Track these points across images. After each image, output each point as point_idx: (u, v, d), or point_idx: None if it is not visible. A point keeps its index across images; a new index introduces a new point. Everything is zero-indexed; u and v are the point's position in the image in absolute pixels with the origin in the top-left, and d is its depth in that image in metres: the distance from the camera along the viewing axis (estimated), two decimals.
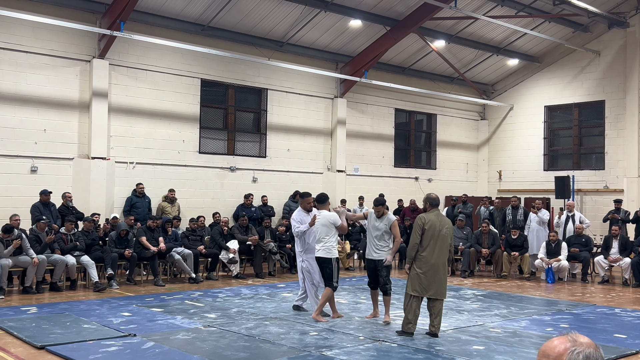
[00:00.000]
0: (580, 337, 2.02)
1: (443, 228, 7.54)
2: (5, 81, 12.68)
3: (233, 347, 6.92)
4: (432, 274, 7.49)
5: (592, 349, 1.96)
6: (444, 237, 7.55)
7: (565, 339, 2.00)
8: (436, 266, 7.50)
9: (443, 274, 7.59)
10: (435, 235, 7.50)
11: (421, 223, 7.55)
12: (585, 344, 1.98)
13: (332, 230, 8.53)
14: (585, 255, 13.43)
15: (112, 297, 10.31)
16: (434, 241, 7.50)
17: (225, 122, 16.18)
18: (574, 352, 1.95)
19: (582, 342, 1.98)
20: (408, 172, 19.93)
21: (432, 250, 7.50)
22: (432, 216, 7.63)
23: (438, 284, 7.51)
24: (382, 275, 8.41)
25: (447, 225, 7.60)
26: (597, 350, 1.97)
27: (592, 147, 19.75)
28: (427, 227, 7.52)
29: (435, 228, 7.51)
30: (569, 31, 19.10)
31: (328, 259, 8.44)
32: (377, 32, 16.94)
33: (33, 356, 6.45)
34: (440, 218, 7.65)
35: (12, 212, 11.29)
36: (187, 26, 14.90)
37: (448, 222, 7.71)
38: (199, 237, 13.14)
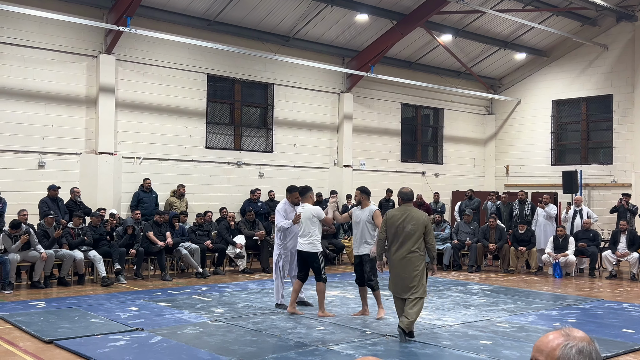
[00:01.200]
0: (574, 331, 2.01)
1: (408, 224, 7.09)
2: (13, 77, 12.72)
3: (240, 341, 6.94)
4: (399, 273, 7.15)
5: (586, 342, 1.96)
6: (409, 233, 7.08)
7: (559, 333, 2.00)
8: (400, 264, 7.12)
9: (410, 271, 7.08)
10: (398, 232, 7.12)
11: (385, 219, 7.34)
12: (578, 338, 1.98)
13: (316, 224, 8.43)
14: (593, 250, 13.38)
15: (119, 291, 10.35)
16: (397, 238, 7.16)
17: (231, 117, 16.19)
18: (567, 347, 1.95)
19: (576, 336, 1.98)
20: (415, 167, 19.89)
21: (396, 247, 7.17)
22: (396, 211, 7.27)
23: (406, 282, 7.08)
24: (365, 270, 8.24)
25: (414, 222, 7.10)
26: (590, 344, 1.97)
27: (599, 142, 19.65)
28: (389, 223, 7.22)
29: (396, 224, 7.14)
30: (576, 25, 18.98)
31: (313, 254, 8.33)
32: (383, 26, 16.89)
33: (41, 350, 6.48)
34: (407, 214, 7.17)
35: (20, 207, 11.34)
36: (194, 21, 14.90)
37: (419, 217, 7.16)
38: (206, 232, 13.17)
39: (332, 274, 12.98)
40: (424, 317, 8.42)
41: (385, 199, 17.12)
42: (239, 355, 6.31)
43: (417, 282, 7.09)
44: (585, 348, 1.95)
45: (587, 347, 1.95)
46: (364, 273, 8.29)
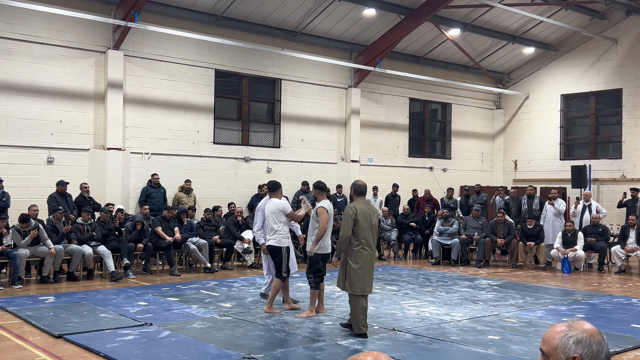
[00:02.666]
0: (580, 323, 2.01)
1: (373, 217, 7.06)
2: (22, 73, 12.77)
3: (248, 336, 6.96)
4: (370, 269, 7.05)
5: (587, 334, 1.96)
6: (375, 227, 7.09)
7: (564, 324, 2.02)
8: (372, 260, 7.07)
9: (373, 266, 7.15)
10: (369, 227, 6.99)
11: (352, 213, 6.94)
12: (580, 329, 1.98)
13: (282, 218, 8.30)
14: (602, 245, 13.32)
15: (128, 286, 10.40)
16: (368, 233, 6.98)
17: (239, 112, 16.20)
18: (566, 336, 1.97)
19: (578, 328, 1.99)
20: (422, 162, 19.85)
21: (369, 244, 6.99)
22: (362, 205, 7.07)
23: (371, 278, 7.09)
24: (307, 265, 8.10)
25: (376, 214, 7.13)
26: (593, 336, 1.96)
27: (608, 136, 19.54)
28: (359, 217, 6.94)
29: (367, 218, 6.99)
30: (585, 19, 18.86)
31: (278, 248, 8.21)
32: (391, 20, 16.84)
33: (51, 345, 6.52)
34: (369, 207, 7.13)
35: (29, 202, 11.41)
36: (201, 16, 14.90)
37: (377, 210, 7.28)
38: (214, 227, 13.21)
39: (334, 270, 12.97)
40: (432, 312, 8.43)
41: (391, 194, 17.10)
42: (247, 350, 6.33)
43: None
44: (585, 339, 1.95)
45: (586, 338, 1.95)
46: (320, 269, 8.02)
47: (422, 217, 15.72)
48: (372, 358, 1.91)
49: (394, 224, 15.60)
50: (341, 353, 6.28)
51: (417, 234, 15.41)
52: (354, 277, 7.00)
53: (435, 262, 14.23)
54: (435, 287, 10.66)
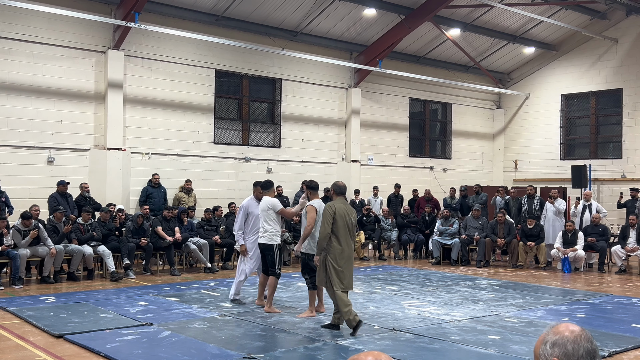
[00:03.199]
0: (561, 326, 2.03)
1: (350, 216, 7.28)
2: (22, 73, 12.78)
3: (249, 336, 6.96)
4: (349, 266, 7.22)
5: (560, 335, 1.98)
6: (353, 226, 7.30)
7: (545, 331, 2.05)
8: (350, 257, 7.26)
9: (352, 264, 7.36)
10: (346, 226, 7.20)
11: (331, 212, 7.14)
12: (557, 332, 2.00)
13: (272, 216, 8.32)
14: (602, 245, 13.32)
15: (128, 286, 10.40)
16: (345, 231, 7.19)
17: (239, 112, 16.20)
18: (543, 343, 2.01)
19: (555, 331, 2.01)
20: (423, 162, 19.85)
21: (347, 242, 7.20)
22: (340, 204, 7.29)
23: (351, 276, 7.27)
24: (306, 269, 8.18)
25: (353, 214, 7.35)
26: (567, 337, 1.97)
27: (609, 136, 19.54)
28: (337, 216, 7.15)
29: (345, 217, 7.20)
30: (586, 19, 18.86)
31: (269, 246, 8.27)
32: (391, 20, 16.84)
33: (51, 345, 6.52)
34: (347, 206, 7.35)
35: (30, 202, 11.42)
36: (201, 16, 14.91)
37: (353, 210, 7.47)
38: (214, 227, 13.21)
39: None
40: (432, 312, 8.43)
41: (394, 194, 17.10)
42: (247, 349, 6.33)
43: None
44: (559, 340, 1.97)
45: (560, 339, 1.97)
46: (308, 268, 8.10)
47: (422, 217, 15.72)
48: (372, 358, 1.91)
49: (394, 224, 15.60)
50: (341, 353, 6.28)
51: (417, 234, 15.38)
52: (334, 275, 7.14)
53: (435, 262, 14.23)
54: (435, 287, 10.67)
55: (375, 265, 13.85)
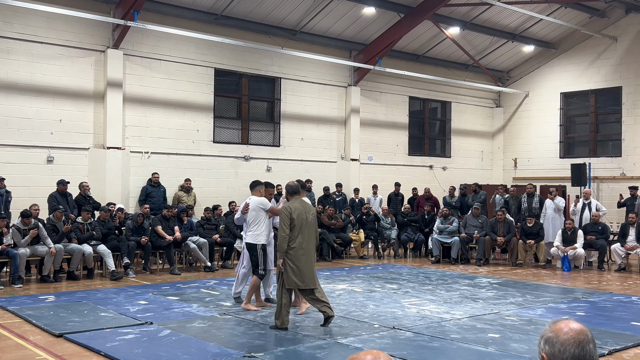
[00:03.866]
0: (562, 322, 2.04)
1: (309, 215, 7.34)
2: (21, 72, 12.77)
3: (249, 334, 6.96)
4: (306, 265, 7.27)
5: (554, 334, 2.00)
6: (311, 225, 7.36)
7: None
8: (308, 256, 7.30)
9: (314, 262, 7.43)
10: (305, 225, 7.28)
11: (288, 213, 7.24)
12: (554, 329, 2.02)
13: (261, 215, 8.33)
14: (602, 243, 13.32)
15: (128, 285, 10.40)
16: (304, 231, 7.27)
17: (239, 111, 16.20)
18: (541, 337, 2.05)
19: (554, 328, 2.03)
20: (422, 161, 19.85)
21: (306, 240, 7.28)
22: (297, 204, 7.36)
23: (311, 273, 7.32)
24: None
25: (312, 212, 7.42)
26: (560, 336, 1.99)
27: (608, 134, 19.55)
28: (294, 216, 7.23)
29: (302, 216, 7.28)
30: (585, 17, 18.86)
31: (253, 245, 8.28)
32: (390, 19, 16.83)
33: (51, 344, 6.52)
34: (304, 205, 7.41)
35: (30, 202, 11.42)
36: (200, 15, 14.90)
37: (312, 208, 7.53)
38: (214, 226, 13.21)
39: (339, 268, 13.00)
40: (432, 310, 8.43)
41: (394, 192, 17.10)
42: (247, 348, 6.34)
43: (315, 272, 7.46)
44: (551, 339, 2.00)
45: (553, 338, 2.00)
46: None
47: (421, 215, 15.72)
48: (371, 357, 1.91)
49: (394, 223, 15.60)
50: (341, 351, 6.29)
51: (417, 233, 15.36)
52: (289, 272, 7.23)
53: (435, 261, 14.23)
54: (435, 286, 10.67)
55: (374, 264, 13.85)
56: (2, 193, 11.47)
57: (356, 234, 15.03)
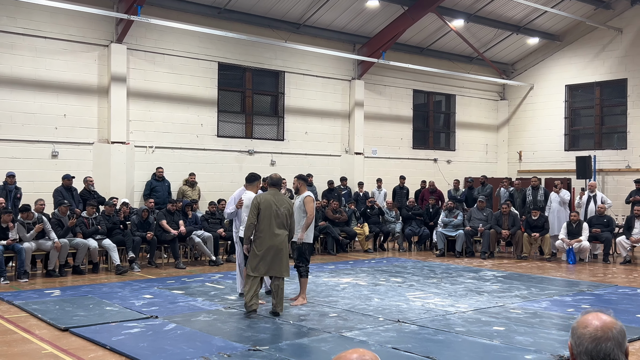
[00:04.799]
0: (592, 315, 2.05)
1: (281, 207, 7.52)
2: (25, 67, 12.78)
3: (253, 328, 6.97)
4: (272, 254, 7.48)
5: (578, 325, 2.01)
6: (282, 216, 7.52)
7: None
8: (275, 245, 7.48)
9: (284, 252, 7.56)
10: (272, 215, 7.48)
11: (256, 203, 7.55)
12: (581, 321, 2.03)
13: None
14: (607, 236, 13.29)
15: (133, 279, 10.43)
16: (270, 221, 7.47)
17: (243, 105, 16.19)
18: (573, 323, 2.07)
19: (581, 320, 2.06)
20: (427, 154, 19.82)
21: (271, 230, 7.47)
22: (268, 195, 7.61)
23: (279, 263, 7.52)
24: (293, 256, 8.40)
25: (284, 204, 7.56)
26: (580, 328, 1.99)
27: (613, 127, 19.47)
28: (262, 206, 7.50)
29: (271, 207, 7.49)
30: (590, 8, 18.76)
31: (242, 239, 8.38)
32: (394, 12, 16.77)
33: (57, 338, 6.55)
34: (277, 197, 7.59)
35: (35, 197, 11.44)
36: (204, 9, 14.87)
37: (287, 201, 7.65)
38: (218, 220, 13.22)
39: (344, 261, 13.01)
40: (436, 303, 8.43)
41: (399, 186, 17.07)
42: (252, 341, 6.35)
43: (286, 262, 7.64)
44: (575, 330, 2.05)
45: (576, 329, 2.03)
46: None
47: (426, 209, 15.69)
48: (357, 355, 1.89)
49: (398, 216, 15.59)
50: (346, 345, 6.29)
51: (422, 227, 15.32)
52: (253, 260, 7.52)
53: (439, 254, 14.22)
54: (440, 279, 10.67)
55: (380, 257, 13.85)
56: (12, 189, 11.51)
57: (360, 228, 15.03)
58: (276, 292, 7.61)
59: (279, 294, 7.60)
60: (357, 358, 1.89)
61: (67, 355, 5.93)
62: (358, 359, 1.89)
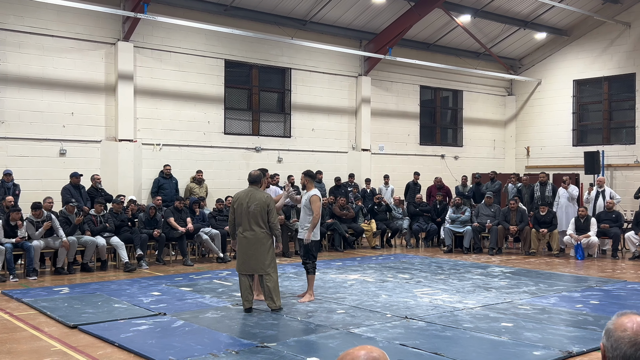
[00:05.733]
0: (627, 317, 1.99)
1: (252, 205, 7.55)
2: (32, 65, 12.83)
3: (261, 325, 6.98)
4: (247, 251, 7.57)
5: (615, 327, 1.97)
6: (253, 214, 7.53)
7: None
8: (248, 243, 7.55)
9: (260, 249, 7.56)
10: (244, 213, 7.56)
11: (232, 201, 7.77)
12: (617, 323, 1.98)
13: None
14: (616, 231, 13.23)
15: (142, 277, 10.46)
16: (243, 218, 7.58)
17: (249, 102, 16.19)
18: (607, 324, 2.02)
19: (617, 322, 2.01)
20: (434, 150, 19.77)
21: (243, 227, 7.58)
22: (242, 193, 7.73)
23: (256, 260, 7.56)
24: (300, 254, 8.47)
25: (256, 202, 7.55)
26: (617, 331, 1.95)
27: (622, 121, 19.37)
28: (235, 205, 7.66)
29: (242, 205, 7.58)
30: (598, 3, 18.65)
31: None
32: (401, 7, 16.73)
33: (66, 335, 6.58)
34: (251, 195, 7.63)
35: (42, 194, 11.49)
36: (210, 6, 14.88)
37: (260, 198, 7.60)
38: (225, 217, 13.23)
39: (351, 258, 13.00)
40: (444, 300, 8.41)
41: (413, 181, 16.91)
42: (260, 338, 6.36)
43: (267, 259, 7.60)
44: (610, 332, 1.97)
45: (612, 331, 1.96)
46: None
47: (433, 205, 15.65)
48: (365, 352, 1.89)
49: (405, 213, 15.57)
50: (354, 341, 6.29)
51: (430, 223, 15.27)
52: (237, 258, 7.78)
53: (447, 250, 14.20)
54: (447, 275, 10.65)
55: (387, 254, 13.84)
56: (10, 186, 11.56)
57: (368, 224, 15.02)
58: (263, 289, 7.67)
59: (266, 291, 7.62)
60: (365, 355, 1.88)
61: (75, 353, 5.95)
62: (366, 355, 1.88)
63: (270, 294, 7.61)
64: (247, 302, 7.63)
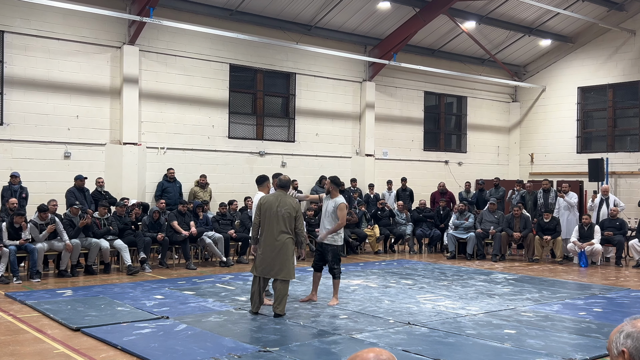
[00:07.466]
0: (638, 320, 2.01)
1: (282, 209, 7.54)
2: (38, 68, 12.88)
3: (264, 329, 6.98)
4: (272, 255, 7.54)
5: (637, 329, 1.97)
6: (282, 218, 7.53)
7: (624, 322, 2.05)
8: (274, 247, 7.54)
9: (285, 254, 7.56)
10: (272, 216, 7.53)
11: (259, 204, 7.70)
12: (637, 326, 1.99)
13: None
14: (620, 239, 13.20)
15: (145, 280, 10.47)
16: (271, 222, 7.54)
17: (254, 107, 16.22)
18: (618, 332, 2.01)
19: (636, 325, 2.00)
20: (438, 156, 19.76)
21: (270, 231, 7.55)
22: (271, 197, 7.71)
23: (279, 265, 7.54)
24: (327, 259, 8.42)
25: (286, 206, 7.55)
26: None
27: (626, 129, 19.33)
28: (264, 208, 7.60)
29: (272, 209, 7.55)
30: (603, 10, 18.64)
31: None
32: (406, 13, 16.75)
33: (69, 338, 6.59)
34: (280, 199, 7.60)
35: (47, 197, 11.53)
36: (215, 11, 14.93)
37: (290, 203, 7.60)
38: (229, 221, 13.26)
39: (354, 263, 12.99)
40: (447, 306, 8.40)
41: (401, 188, 16.97)
42: (263, 343, 6.36)
43: (289, 265, 7.62)
44: (634, 334, 1.97)
45: (636, 333, 1.97)
46: (323, 259, 8.47)
47: (437, 211, 15.65)
48: (374, 354, 1.89)
49: (409, 218, 15.56)
50: (357, 347, 6.28)
51: (433, 229, 15.27)
52: (256, 260, 7.70)
53: (450, 256, 14.18)
54: (450, 281, 10.63)
55: (390, 259, 13.83)
56: (17, 189, 11.59)
57: (371, 230, 15.01)
58: (276, 293, 7.64)
59: (278, 296, 7.61)
60: (374, 357, 1.89)
61: (78, 355, 5.96)
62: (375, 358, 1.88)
63: (280, 298, 7.61)
64: (255, 306, 7.66)
